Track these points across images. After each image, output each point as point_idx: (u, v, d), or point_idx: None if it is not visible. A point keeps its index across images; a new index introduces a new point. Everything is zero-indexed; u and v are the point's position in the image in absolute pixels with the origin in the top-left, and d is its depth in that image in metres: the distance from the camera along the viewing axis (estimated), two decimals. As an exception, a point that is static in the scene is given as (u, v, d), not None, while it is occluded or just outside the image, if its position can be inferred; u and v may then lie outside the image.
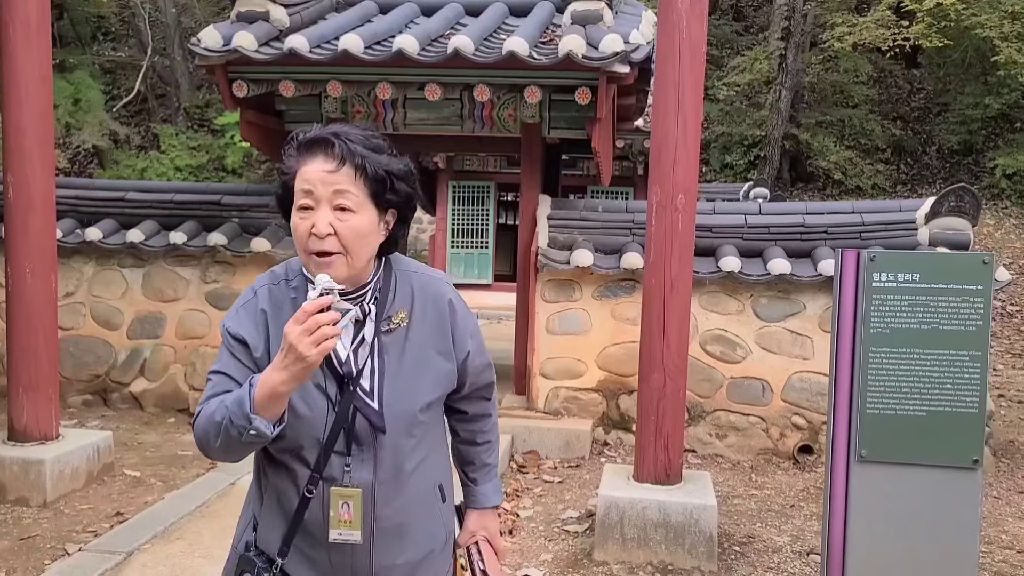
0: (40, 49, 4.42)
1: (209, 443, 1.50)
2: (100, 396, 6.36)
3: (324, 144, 1.49)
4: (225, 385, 1.54)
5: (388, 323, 1.59)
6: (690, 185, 3.97)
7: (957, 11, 14.46)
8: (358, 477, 1.55)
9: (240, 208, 6.37)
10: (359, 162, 1.48)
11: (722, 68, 18.22)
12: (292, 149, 1.53)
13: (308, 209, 1.49)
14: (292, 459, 1.56)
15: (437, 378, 1.63)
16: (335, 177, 1.47)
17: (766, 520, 4.53)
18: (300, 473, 1.56)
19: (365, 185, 1.49)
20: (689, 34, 3.89)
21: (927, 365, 3.05)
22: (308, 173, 1.49)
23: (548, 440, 5.58)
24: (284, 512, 1.58)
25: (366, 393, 1.55)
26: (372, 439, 1.56)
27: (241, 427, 1.43)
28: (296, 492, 1.56)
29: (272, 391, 1.41)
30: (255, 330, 1.57)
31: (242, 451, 1.51)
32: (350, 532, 1.55)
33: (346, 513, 1.55)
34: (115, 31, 21.05)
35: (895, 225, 5.57)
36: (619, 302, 5.75)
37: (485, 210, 14.97)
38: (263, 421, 1.42)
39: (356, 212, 1.49)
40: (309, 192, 1.48)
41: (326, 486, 1.55)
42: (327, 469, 1.55)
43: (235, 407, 1.44)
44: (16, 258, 4.43)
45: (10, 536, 3.96)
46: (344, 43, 5.26)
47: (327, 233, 1.46)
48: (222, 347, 1.60)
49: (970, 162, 17.06)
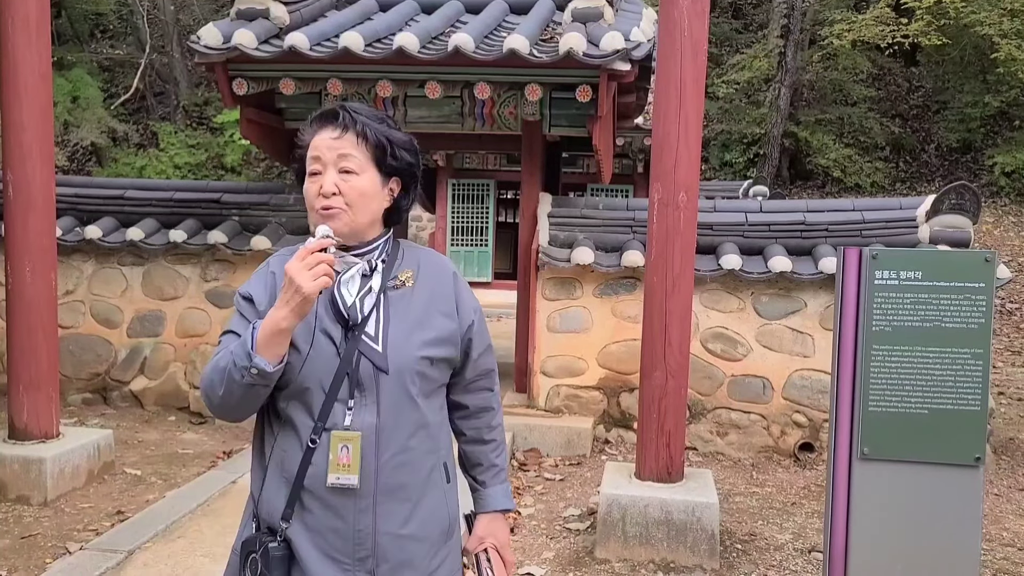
0: (40, 47, 4.40)
1: (215, 391, 1.56)
2: (100, 394, 6.35)
3: (331, 115, 1.65)
4: (231, 342, 1.61)
5: (395, 280, 1.68)
6: (692, 183, 3.97)
7: (956, 8, 14.45)
8: (359, 421, 1.59)
9: (240, 206, 6.36)
10: (360, 128, 1.63)
11: (721, 66, 18.21)
12: (305, 128, 1.69)
13: (317, 174, 1.63)
14: (298, 410, 1.60)
15: (439, 335, 1.68)
16: (339, 143, 1.62)
17: (768, 518, 4.53)
18: (304, 424, 1.59)
19: (367, 150, 1.63)
20: (691, 32, 3.89)
21: (929, 363, 3.05)
22: (316, 142, 1.64)
23: (549, 438, 5.58)
24: (287, 472, 1.60)
25: (371, 338, 1.61)
26: (375, 383, 1.60)
27: (243, 368, 1.50)
28: (300, 446, 1.59)
29: (274, 327, 1.50)
30: (262, 289, 1.67)
31: (245, 398, 1.55)
32: (348, 476, 1.56)
33: (345, 456, 1.57)
34: (113, 29, 21.01)
35: (896, 223, 5.57)
36: (620, 300, 5.75)
37: (485, 208, 14.97)
38: (263, 359, 1.49)
39: (359, 174, 1.63)
40: (317, 158, 1.63)
41: (328, 435, 1.58)
42: (330, 418, 1.58)
43: (239, 349, 1.53)
44: (16, 256, 4.42)
45: (11, 535, 3.96)
46: (344, 41, 5.25)
47: (332, 192, 1.60)
48: (233, 312, 1.70)
49: (969, 160, 17.06)
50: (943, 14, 14.68)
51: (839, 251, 3.16)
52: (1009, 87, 15.61)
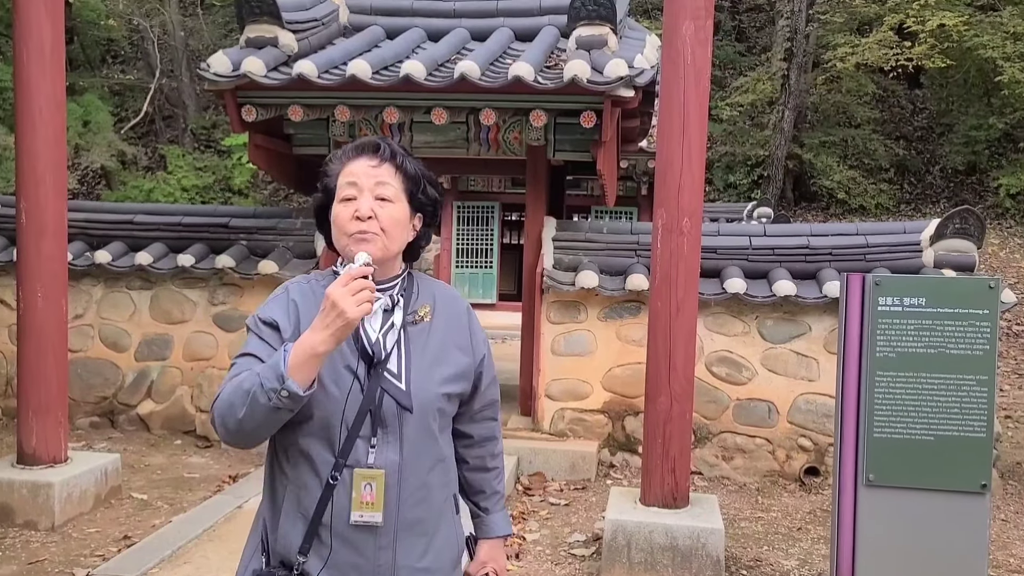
0: (54, 75, 4.47)
1: (233, 415, 1.51)
2: (107, 418, 6.38)
3: (369, 146, 1.68)
4: (251, 365, 1.57)
5: (414, 315, 1.70)
6: (695, 209, 4.00)
7: (959, 32, 14.55)
8: (382, 458, 1.59)
9: (248, 231, 6.41)
10: (400, 160, 1.67)
11: (725, 89, 18.32)
12: (336, 158, 1.70)
13: (351, 200, 1.63)
14: (317, 445, 1.58)
15: (457, 371, 1.72)
16: (378, 171, 1.64)
17: (773, 543, 4.52)
18: (323, 461, 1.58)
19: (403, 181, 1.67)
20: (693, 60, 3.94)
21: (934, 389, 3.06)
22: (353, 168, 1.65)
23: (554, 462, 5.58)
24: (304, 508, 1.59)
25: (393, 375, 1.62)
26: (398, 421, 1.61)
27: (272, 390, 1.46)
28: (319, 483, 1.58)
29: (311, 351, 1.47)
30: (285, 316, 1.64)
31: (266, 422, 1.51)
32: (372, 514, 1.57)
33: (368, 494, 1.57)
34: (124, 54, 21.29)
35: (900, 247, 5.60)
36: (624, 323, 5.77)
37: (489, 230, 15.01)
38: (295, 383, 1.46)
39: (394, 203, 1.65)
40: (353, 184, 1.64)
41: (349, 472, 1.57)
42: (352, 454, 1.57)
43: (267, 372, 1.48)
44: (28, 281, 4.46)
45: (18, 560, 3.97)
46: (352, 68, 5.33)
47: (368, 215, 1.61)
48: (249, 335, 1.66)
49: (974, 181, 17.09)
50: (946, 37, 14.77)
51: (842, 277, 3.19)
52: (1013, 109, 15.67)
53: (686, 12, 3.92)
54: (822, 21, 17.41)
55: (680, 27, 3.92)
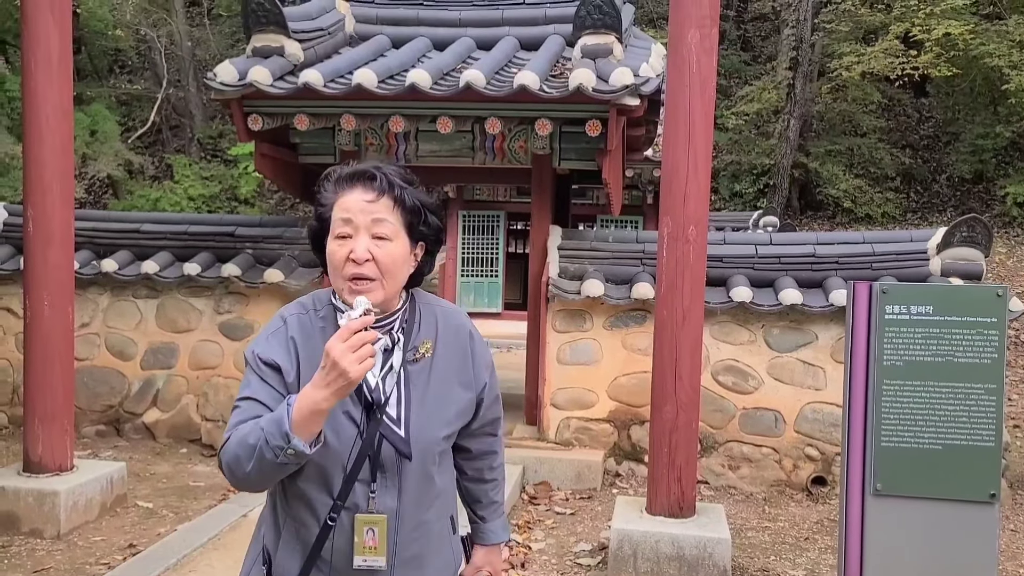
0: (61, 84, 4.49)
1: (240, 467, 1.48)
2: (113, 426, 6.38)
3: (365, 177, 1.57)
4: (255, 410, 1.53)
5: (414, 352, 1.63)
6: (701, 217, 4.00)
7: (965, 40, 14.53)
8: (382, 504, 1.57)
9: (254, 239, 6.43)
10: (398, 194, 1.57)
11: (730, 98, 18.33)
12: (329, 184, 1.60)
13: (346, 237, 1.54)
14: (315, 488, 1.56)
15: (459, 409, 1.68)
16: (374, 207, 1.54)
17: (780, 553, 4.49)
18: (321, 502, 1.56)
19: (401, 216, 1.57)
20: (699, 68, 3.94)
21: (942, 398, 3.04)
22: (348, 203, 1.55)
23: (559, 471, 5.56)
24: (303, 543, 1.59)
25: (393, 421, 1.58)
26: (397, 467, 1.58)
27: (277, 447, 1.42)
28: (316, 522, 1.57)
29: (313, 408, 1.42)
30: (287, 356, 1.58)
31: (274, 475, 1.50)
32: (375, 558, 1.56)
33: (371, 539, 1.56)
34: (131, 64, 21.42)
35: (906, 255, 5.58)
36: (630, 332, 5.76)
37: (495, 239, 15.03)
38: (300, 441, 1.42)
39: (392, 240, 1.56)
40: (348, 220, 1.54)
41: (348, 515, 1.56)
42: (350, 497, 1.56)
43: (272, 427, 1.44)
44: (35, 290, 4.47)
45: (24, 568, 3.97)
46: (358, 77, 5.34)
47: (365, 259, 1.53)
48: (249, 373, 1.60)
49: (981, 190, 17.04)
50: (952, 46, 14.75)
51: (849, 285, 3.17)
52: (1020, 118, 15.63)
53: (691, 21, 3.92)
54: (827, 30, 17.41)
55: (685, 35, 3.93)
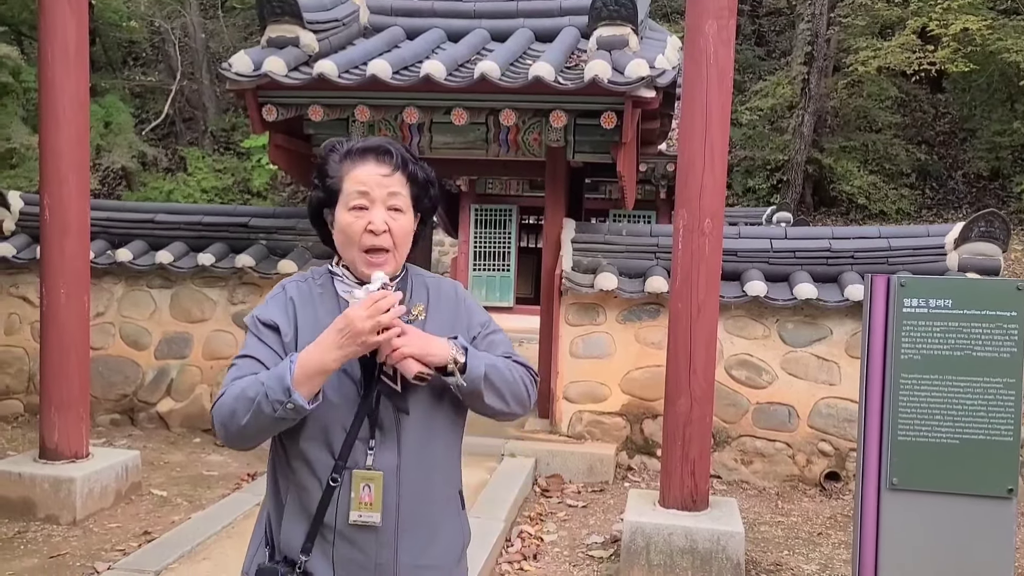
0: (78, 75, 4.51)
1: (235, 421, 1.52)
2: (128, 415, 6.42)
3: (379, 151, 1.64)
4: (253, 367, 1.59)
5: (408, 315, 1.66)
6: (717, 210, 3.98)
7: (983, 36, 14.40)
8: (381, 461, 1.59)
9: (267, 230, 6.45)
10: (411, 169, 1.65)
11: (744, 93, 18.24)
12: (337, 156, 1.66)
13: (362, 208, 1.61)
14: (316, 447, 1.59)
15: None
16: (390, 180, 1.62)
17: (793, 548, 4.47)
18: (323, 463, 1.59)
19: (412, 189, 1.66)
20: (716, 59, 3.91)
21: (960, 392, 3.02)
22: (363, 176, 1.62)
23: (572, 464, 5.56)
24: (306, 508, 1.61)
25: (389, 378, 1.61)
26: (395, 424, 1.61)
27: (277, 401, 1.47)
28: (319, 485, 1.59)
29: (320, 367, 1.49)
30: (285, 317, 1.64)
31: (269, 430, 1.54)
32: (370, 514, 1.58)
33: (367, 495, 1.58)
34: (145, 56, 21.51)
35: (923, 250, 5.53)
36: (643, 326, 5.74)
37: (507, 233, 15.00)
38: (301, 396, 1.47)
39: (404, 213, 1.65)
40: (365, 193, 1.61)
41: (349, 475, 1.58)
42: (351, 456, 1.58)
43: (273, 382, 1.49)
44: (51, 279, 4.50)
45: (40, 554, 4.00)
46: (372, 68, 5.34)
47: (383, 230, 1.61)
48: (249, 335, 1.66)
49: (997, 187, 16.90)
50: (969, 41, 14.62)
51: (866, 279, 3.15)
52: (1037, 114, 15.50)
53: (709, 11, 3.89)
54: (843, 24, 17.28)
55: (703, 26, 3.90)
